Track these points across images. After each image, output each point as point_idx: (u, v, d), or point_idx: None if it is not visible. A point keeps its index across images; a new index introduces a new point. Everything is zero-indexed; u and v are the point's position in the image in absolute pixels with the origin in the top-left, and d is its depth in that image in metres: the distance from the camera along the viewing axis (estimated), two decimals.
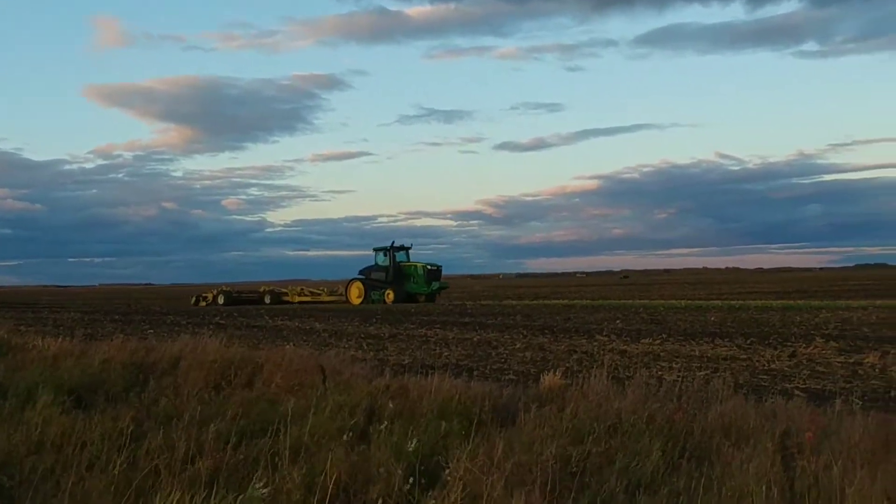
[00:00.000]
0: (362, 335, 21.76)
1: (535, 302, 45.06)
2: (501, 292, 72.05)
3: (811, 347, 15.68)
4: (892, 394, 10.38)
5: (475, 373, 12.83)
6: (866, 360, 13.48)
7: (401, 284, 46.83)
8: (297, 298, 51.80)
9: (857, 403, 8.36)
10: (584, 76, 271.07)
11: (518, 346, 17.72)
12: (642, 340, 18.11)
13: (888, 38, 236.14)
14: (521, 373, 12.80)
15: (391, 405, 7.70)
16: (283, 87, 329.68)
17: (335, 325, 26.16)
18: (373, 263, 48.51)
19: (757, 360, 14.09)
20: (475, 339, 19.80)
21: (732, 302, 37.02)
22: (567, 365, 13.35)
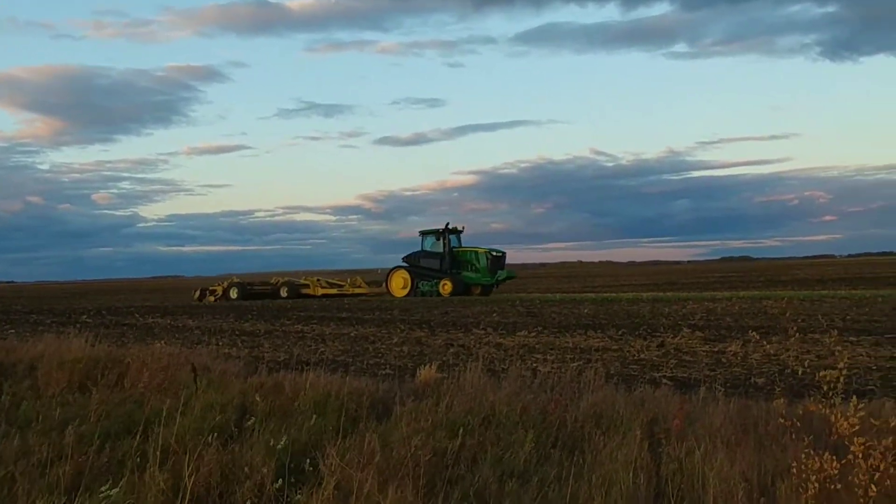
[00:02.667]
0: (237, 332, 21.33)
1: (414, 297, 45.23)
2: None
3: (678, 337, 16.25)
4: (753, 380, 10.85)
5: (352, 368, 12.74)
6: (729, 349, 14.07)
7: (458, 273, 40.65)
8: (321, 291, 45.72)
9: (720, 390, 8.70)
10: (464, 72, 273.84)
11: (395, 340, 17.71)
12: (518, 333, 18.39)
13: (753, 42, 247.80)
14: (399, 367, 12.78)
15: (265, 403, 7.56)
16: (158, 79, 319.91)
17: (209, 322, 25.54)
18: (419, 249, 41.73)
19: (627, 351, 14.50)
20: (353, 334, 19.69)
21: (605, 294, 38.07)
22: (444, 358, 13.42)
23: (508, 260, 42.05)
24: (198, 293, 47.45)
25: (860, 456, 5.04)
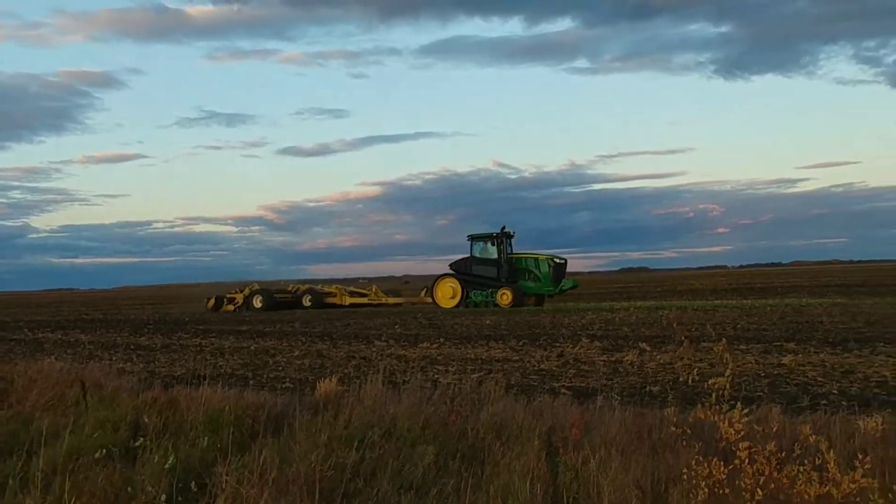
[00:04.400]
0: (132, 346, 20.72)
1: (319, 309, 44.71)
2: None
3: (577, 347, 16.52)
4: (648, 389, 11.10)
5: (251, 382, 12.53)
6: (626, 358, 14.38)
7: (515, 282, 36.51)
8: (349, 300, 41.61)
9: (617, 399, 8.90)
10: (368, 83, 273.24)
11: (296, 353, 17.49)
12: (420, 345, 18.40)
13: (651, 59, 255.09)
14: (299, 380, 12.63)
15: (158, 419, 7.35)
16: (50, 84, 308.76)
17: (103, 337, 24.74)
18: (468, 255, 37.42)
19: (528, 361, 14.67)
20: (252, 347, 19.36)
21: (410, 306, 38.84)
22: (345, 371, 13.32)
23: (414, 272, 41.44)
24: (212, 301, 42.39)
25: (746, 461, 5.21)
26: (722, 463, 5.20)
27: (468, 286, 36.69)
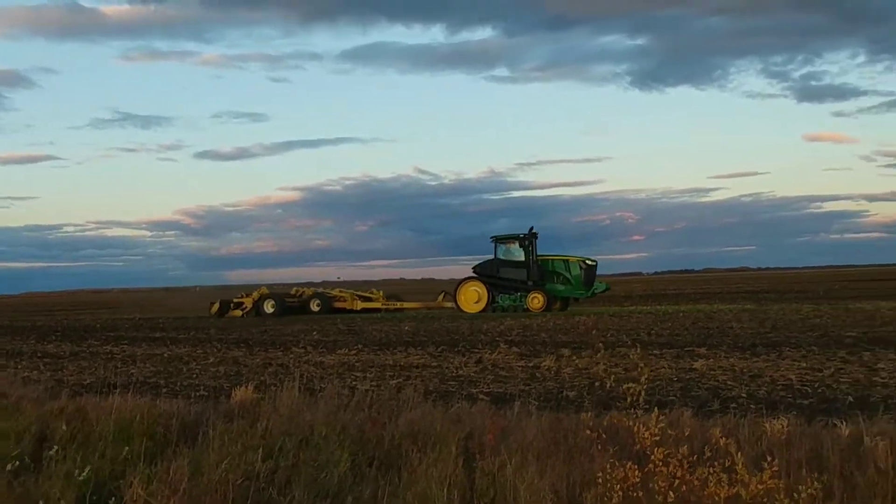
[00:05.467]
0: (39, 354, 20.06)
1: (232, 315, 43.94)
2: (200, 305, 69.55)
3: (496, 353, 16.61)
4: (564, 394, 11.23)
5: (164, 390, 12.27)
6: (543, 364, 14.52)
7: (543, 285, 34.25)
8: (361, 305, 38.65)
9: (534, 404, 8.96)
10: (288, 88, 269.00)
11: (211, 360, 17.18)
12: (338, 351, 18.27)
13: (569, 69, 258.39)
14: (214, 388, 12.40)
15: (65, 429, 7.11)
16: None
17: (7, 344, 23.87)
18: (492, 257, 35.17)
19: (446, 367, 14.69)
20: (166, 354, 18.94)
21: (426, 311, 38.40)
22: (261, 378, 13.13)
23: (332, 277, 40.30)
24: (216, 307, 39.24)
25: (660, 464, 5.31)
26: (636, 466, 5.29)
27: (495, 290, 34.57)
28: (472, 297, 34.60)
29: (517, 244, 34.72)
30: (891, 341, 16.21)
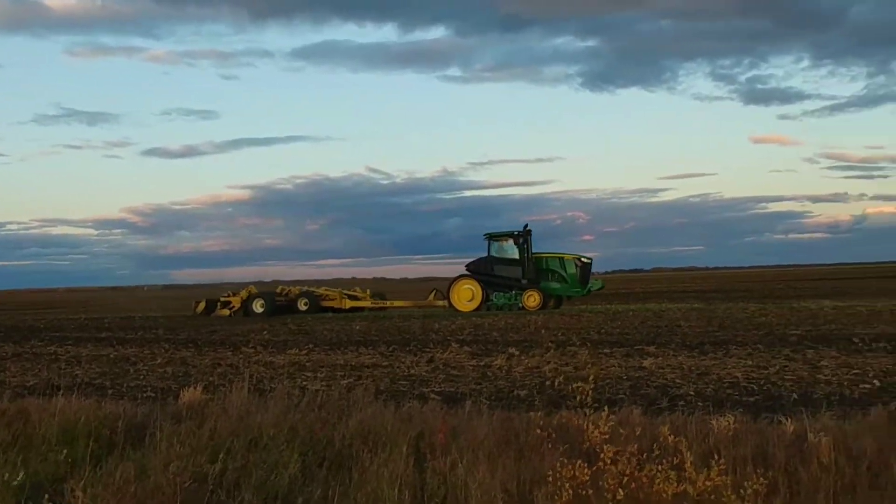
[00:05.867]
0: None
1: (179, 314, 43.36)
2: (147, 304, 68.65)
3: (447, 352, 16.61)
4: (515, 393, 11.27)
5: (110, 392, 12.06)
6: (495, 363, 14.56)
7: (538, 283, 33.61)
8: (349, 303, 37.42)
9: (485, 403, 8.98)
10: (239, 85, 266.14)
11: (159, 360, 16.93)
12: (289, 351, 18.12)
13: (521, 69, 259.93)
14: (161, 389, 12.23)
15: (7, 433, 6.95)
16: None
17: None
18: (485, 255, 34.51)
19: (398, 367, 14.66)
20: (112, 355, 18.61)
21: (378, 311, 38.23)
22: (210, 379, 12.98)
23: (283, 276, 39.56)
24: (202, 305, 37.82)
25: (609, 462, 5.36)
26: (586, 465, 5.32)
27: (489, 288, 33.95)
28: (466, 296, 33.93)
29: (511, 241, 34.20)
30: (833, 339, 16.56)
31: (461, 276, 34.50)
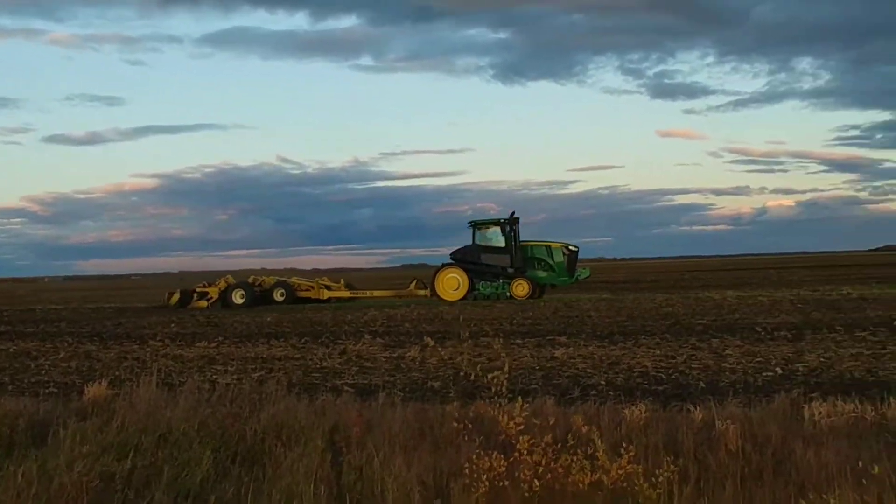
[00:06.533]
0: None
1: (84, 306, 42.06)
2: (48, 296, 66.40)
3: (360, 344, 16.53)
4: (429, 384, 11.28)
5: (10, 388, 11.64)
6: (408, 354, 14.55)
7: (524, 272, 32.86)
8: (328, 294, 35.87)
9: (399, 395, 8.97)
10: (145, 71, 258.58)
11: (62, 355, 16.38)
12: (198, 344, 17.78)
13: (434, 60, 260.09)
14: (65, 385, 11.84)
15: None
16: None
17: None
18: (470, 244, 33.54)
19: (310, 359, 14.52)
20: (11, 349, 17.94)
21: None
22: (116, 373, 12.64)
23: (188, 267, 38.46)
24: (176, 297, 35.79)
25: (525, 453, 5.39)
26: (502, 456, 5.34)
27: (476, 277, 33.11)
28: (452, 285, 33.11)
29: (497, 229, 33.54)
30: (737, 329, 17.08)
31: (446, 265, 33.68)
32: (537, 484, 5.20)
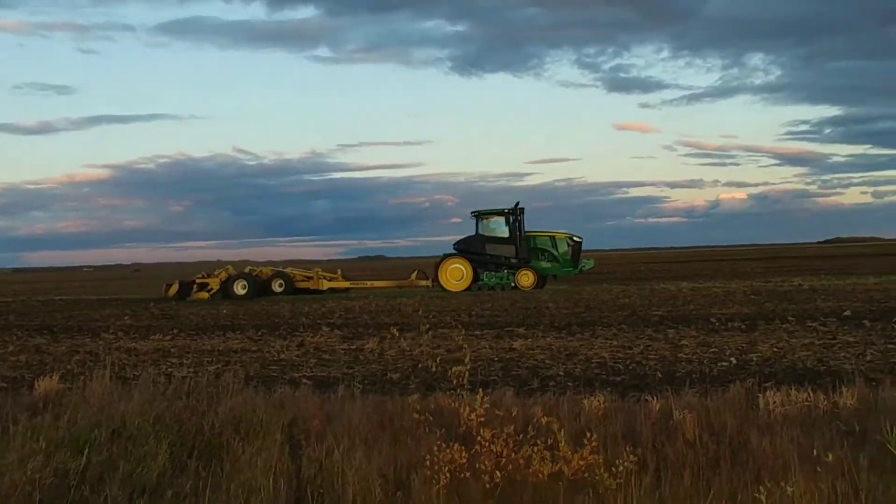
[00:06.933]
0: None
1: (34, 298, 41.27)
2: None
3: (318, 336, 16.44)
4: (389, 376, 11.24)
5: None
6: (367, 346, 14.48)
7: (528, 262, 32.75)
8: (327, 284, 35.18)
9: (359, 388, 8.92)
10: (98, 59, 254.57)
11: (11, 348, 16.04)
12: (152, 336, 17.53)
13: (392, 51, 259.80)
14: (14, 379, 11.59)
15: None
16: None
17: None
18: (474, 234, 33.49)
19: (267, 352, 14.40)
20: None
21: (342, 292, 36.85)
22: (68, 367, 12.41)
23: (142, 259, 38.10)
24: (174, 288, 34.53)
25: (486, 444, 5.38)
26: (463, 448, 5.33)
27: (480, 267, 33.01)
28: (456, 275, 32.89)
29: (501, 219, 33.48)
30: (692, 319, 17.28)
31: (449, 255, 33.49)
32: (498, 475, 5.19)
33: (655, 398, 7.47)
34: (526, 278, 32.28)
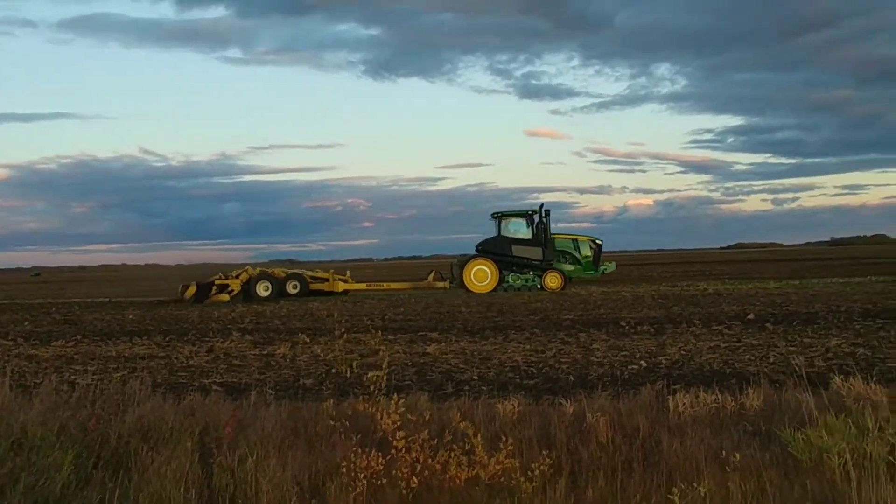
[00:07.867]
0: None
1: None
2: None
3: (228, 342, 16.14)
4: (302, 382, 11.10)
5: None
6: (278, 352, 14.28)
7: (552, 264, 32.65)
8: (342, 286, 34.50)
9: (271, 394, 8.76)
10: None
11: None
12: (54, 343, 16.95)
13: (304, 54, 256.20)
14: None
15: None
16: None
17: None
18: (496, 235, 33.24)
19: (176, 358, 14.07)
20: None
21: (152, 298, 36.48)
22: None
23: (42, 262, 36.93)
24: (192, 289, 32.77)
25: (402, 450, 5.35)
26: (379, 454, 5.29)
27: (505, 269, 32.90)
28: (481, 277, 32.70)
29: (524, 221, 33.46)
30: (603, 323, 17.58)
31: (474, 257, 33.37)
32: (415, 481, 5.17)
33: (569, 401, 7.54)
34: (554, 280, 32.36)
